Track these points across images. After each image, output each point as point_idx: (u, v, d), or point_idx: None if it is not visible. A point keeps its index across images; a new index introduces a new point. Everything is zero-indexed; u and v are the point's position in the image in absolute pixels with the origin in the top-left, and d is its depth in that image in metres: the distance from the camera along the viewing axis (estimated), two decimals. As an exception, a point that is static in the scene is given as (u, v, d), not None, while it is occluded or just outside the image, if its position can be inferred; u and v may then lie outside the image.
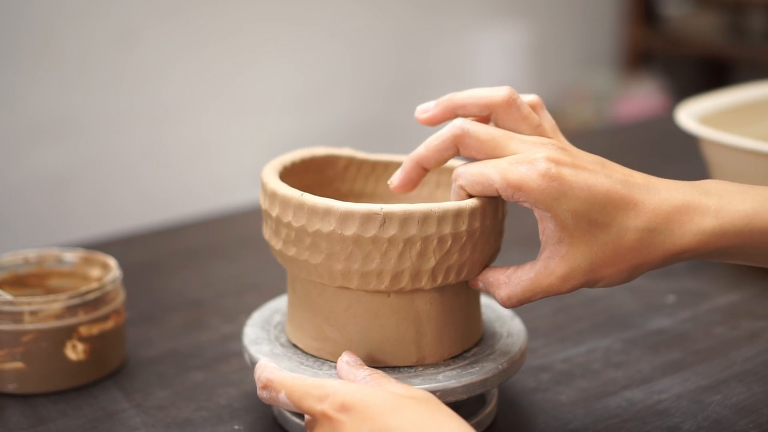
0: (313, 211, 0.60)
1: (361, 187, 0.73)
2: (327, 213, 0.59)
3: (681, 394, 0.72)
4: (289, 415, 0.67)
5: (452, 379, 0.62)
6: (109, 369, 0.75)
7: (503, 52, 2.85)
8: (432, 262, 0.60)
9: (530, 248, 0.62)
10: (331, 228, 0.59)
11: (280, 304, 0.73)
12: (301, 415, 0.66)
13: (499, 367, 0.63)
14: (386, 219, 0.59)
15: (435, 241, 0.60)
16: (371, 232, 0.59)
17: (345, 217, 0.59)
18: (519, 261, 0.62)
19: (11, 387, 0.72)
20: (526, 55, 2.88)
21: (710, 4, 3.10)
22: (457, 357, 0.65)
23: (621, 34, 3.22)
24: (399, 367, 0.63)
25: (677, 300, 0.88)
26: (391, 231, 0.59)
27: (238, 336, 0.80)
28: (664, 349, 0.79)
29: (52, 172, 2.17)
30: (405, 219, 0.59)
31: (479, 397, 0.69)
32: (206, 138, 2.42)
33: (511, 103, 0.61)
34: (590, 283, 0.59)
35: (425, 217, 0.59)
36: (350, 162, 0.72)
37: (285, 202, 0.61)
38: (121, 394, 0.73)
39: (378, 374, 0.59)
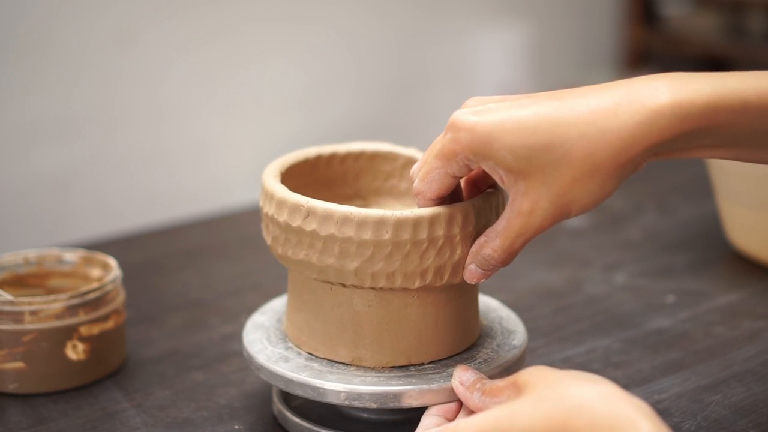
0: (401, 224, 0.60)
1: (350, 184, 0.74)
2: (417, 223, 0.60)
3: (681, 394, 0.72)
4: (289, 414, 0.66)
5: (513, 349, 0.67)
6: (109, 369, 0.75)
7: (503, 52, 2.85)
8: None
9: (528, 247, 0.62)
10: (427, 234, 0.61)
11: (254, 335, 0.69)
12: (301, 415, 0.66)
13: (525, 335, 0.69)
14: (468, 214, 0.61)
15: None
16: (455, 230, 0.61)
17: (432, 221, 0.60)
18: (518, 260, 0.62)
19: (11, 387, 0.72)
20: (526, 55, 2.88)
21: (710, 4, 3.10)
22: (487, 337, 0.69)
23: (621, 34, 3.22)
24: (460, 353, 0.66)
25: (677, 300, 0.88)
26: (469, 228, 0.61)
27: (238, 336, 0.80)
28: (664, 349, 0.79)
29: (52, 173, 2.17)
30: (480, 212, 0.62)
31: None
32: (206, 138, 2.42)
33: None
34: (563, 210, 0.56)
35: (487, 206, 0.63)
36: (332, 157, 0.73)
37: (362, 222, 0.60)
38: (121, 394, 0.73)
39: (489, 386, 0.58)
